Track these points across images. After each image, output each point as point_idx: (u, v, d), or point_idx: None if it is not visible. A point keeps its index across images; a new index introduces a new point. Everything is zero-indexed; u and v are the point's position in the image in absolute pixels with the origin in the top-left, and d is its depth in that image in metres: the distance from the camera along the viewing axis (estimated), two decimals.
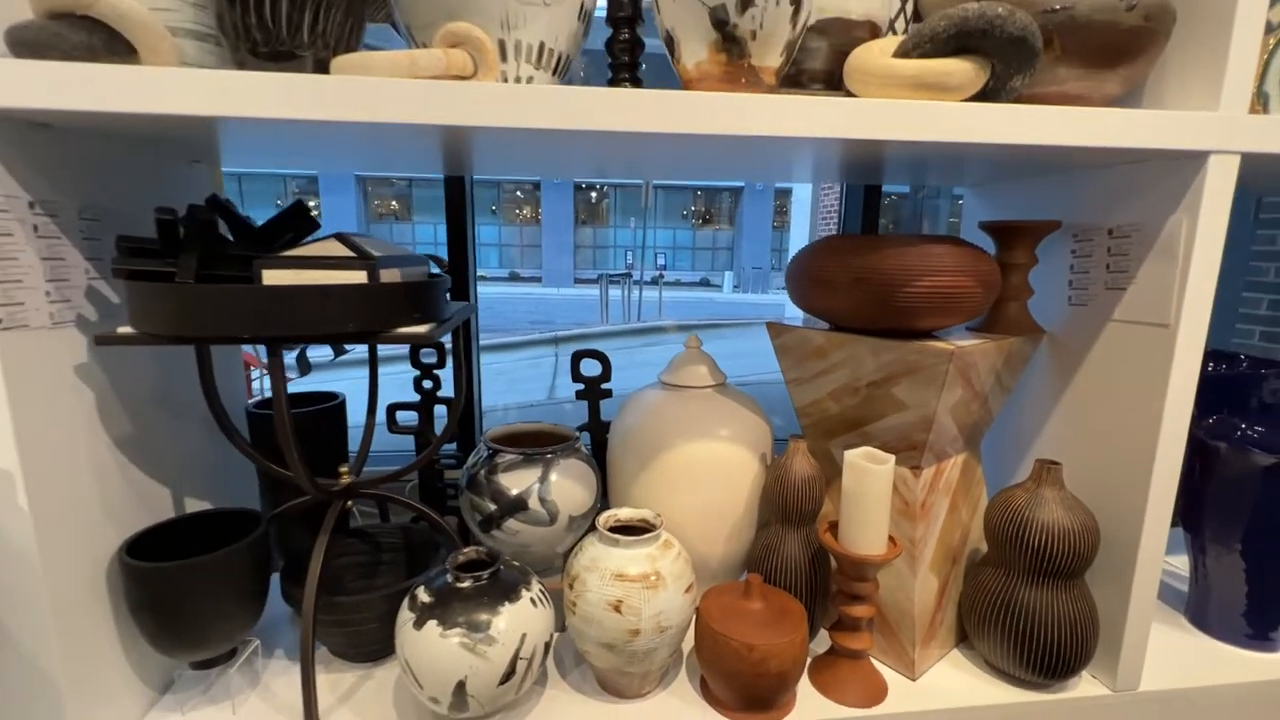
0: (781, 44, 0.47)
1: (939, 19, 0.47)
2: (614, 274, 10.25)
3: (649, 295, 10.97)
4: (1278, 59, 0.52)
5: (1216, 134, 0.51)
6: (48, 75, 0.39)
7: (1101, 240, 0.62)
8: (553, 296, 12.85)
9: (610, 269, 13.24)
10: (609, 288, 9.34)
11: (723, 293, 15.69)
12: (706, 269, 18.01)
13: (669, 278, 15.72)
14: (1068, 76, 0.51)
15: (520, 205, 13.53)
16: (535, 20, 0.48)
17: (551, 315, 9.04)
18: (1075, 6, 0.49)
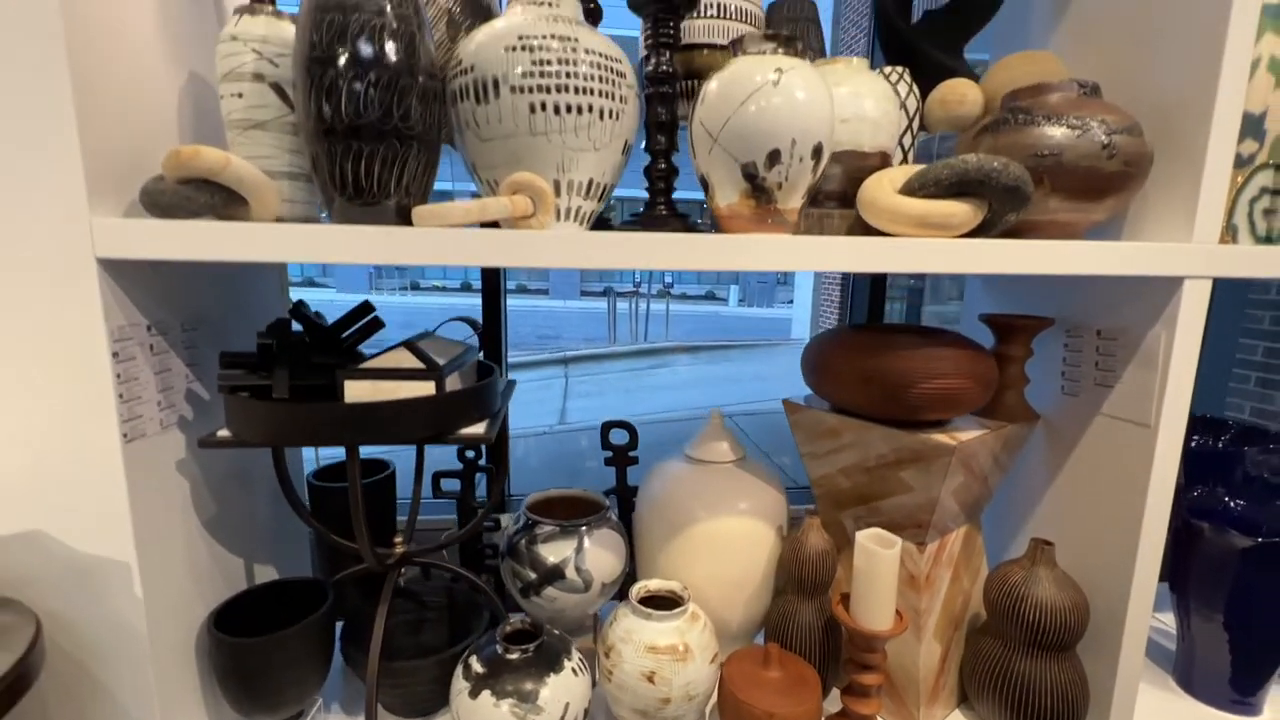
0: (804, 190, 0.53)
1: (942, 167, 0.54)
2: (621, 290, 10.30)
3: (656, 308, 11.05)
4: (1245, 194, 0.58)
5: (1189, 263, 0.57)
6: (184, 234, 0.46)
7: (1090, 339, 0.69)
8: (560, 309, 12.94)
9: (617, 283, 13.34)
10: (616, 302, 9.42)
11: (728, 306, 15.74)
12: (712, 282, 18.10)
13: (675, 291, 15.80)
14: (1058, 208, 0.58)
15: None
16: (585, 161, 0.55)
17: (559, 329, 9.12)
18: (1063, 153, 0.55)
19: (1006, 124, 0.59)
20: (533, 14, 0.53)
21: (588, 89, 0.52)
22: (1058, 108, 0.57)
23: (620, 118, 0.55)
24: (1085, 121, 0.55)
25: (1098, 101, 0.57)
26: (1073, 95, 0.58)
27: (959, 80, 0.69)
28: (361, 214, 0.50)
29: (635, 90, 0.57)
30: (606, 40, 0.55)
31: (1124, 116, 0.56)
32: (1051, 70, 0.67)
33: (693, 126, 0.54)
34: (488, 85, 0.52)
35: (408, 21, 0.48)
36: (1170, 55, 0.60)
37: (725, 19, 0.65)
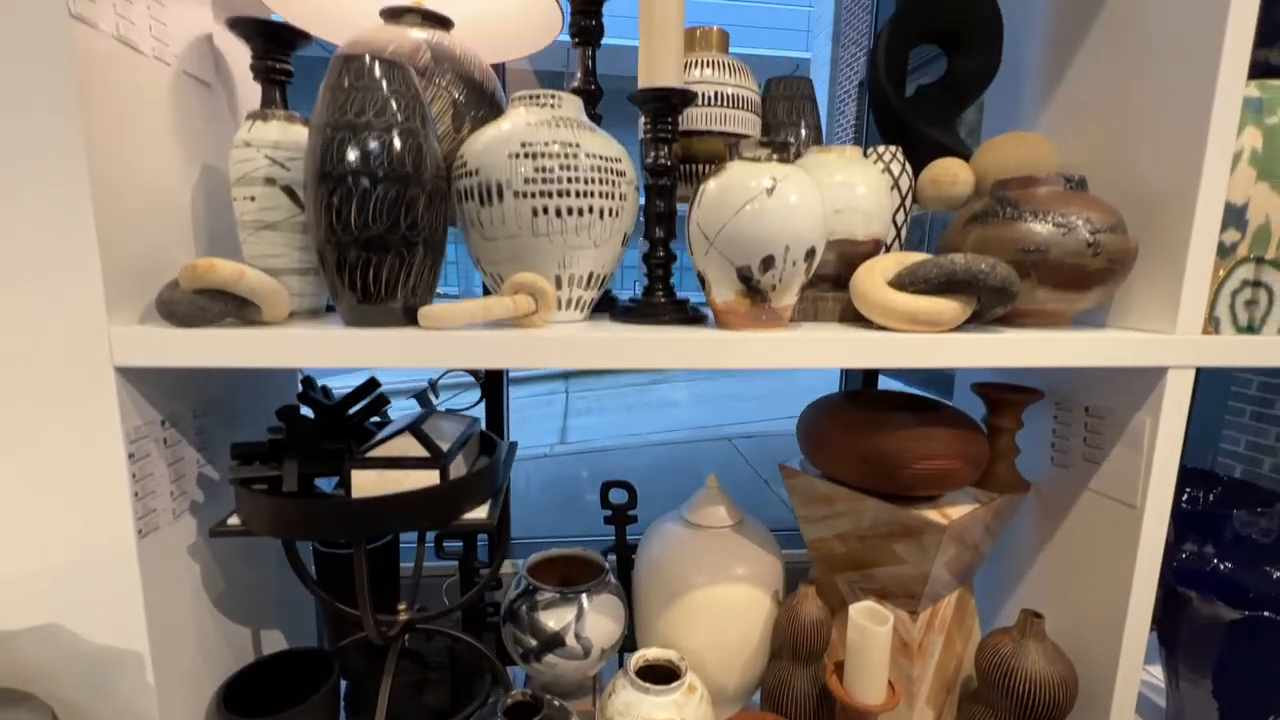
0: (797, 288, 0.55)
1: (932, 266, 0.55)
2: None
3: None
4: (1228, 286, 0.60)
5: (1173, 353, 0.59)
6: (201, 342, 0.47)
7: (1079, 415, 0.70)
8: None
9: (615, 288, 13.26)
10: None
11: None
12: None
13: None
14: (1045, 298, 0.59)
15: None
16: (585, 257, 0.57)
17: None
18: (1049, 250, 0.57)
19: (995, 216, 0.60)
20: (536, 116, 0.55)
21: (588, 191, 0.54)
22: (1045, 203, 0.58)
23: (619, 214, 0.57)
24: (1071, 219, 0.57)
25: (1084, 196, 0.59)
26: (1059, 190, 0.60)
27: (950, 160, 0.71)
28: (369, 313, 0.52)
29: (635, 185, 0.59)
30: (607, 140, 0.57)
31: (1109, 213, 0.57)
32: (1040, 153, 0.69)
33: (690, 226, 0.55)
34: (492, 189, 0.53)
35: (415, 134, 0.50)
36: (1155, 145, 0.61)
37: (723, 106, 0.67)
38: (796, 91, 0.75)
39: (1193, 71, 0.57)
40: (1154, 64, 0.61)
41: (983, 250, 0.60)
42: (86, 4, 0.45)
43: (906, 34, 0.77)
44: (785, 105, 0.75)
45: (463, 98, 0.62)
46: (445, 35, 0.63)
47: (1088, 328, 0.64)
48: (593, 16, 0.69)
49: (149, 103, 0.52)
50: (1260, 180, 0.61)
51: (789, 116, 0.74)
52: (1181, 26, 0.58)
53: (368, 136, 0.47)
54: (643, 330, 0.55)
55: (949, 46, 0.78)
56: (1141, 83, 0.63)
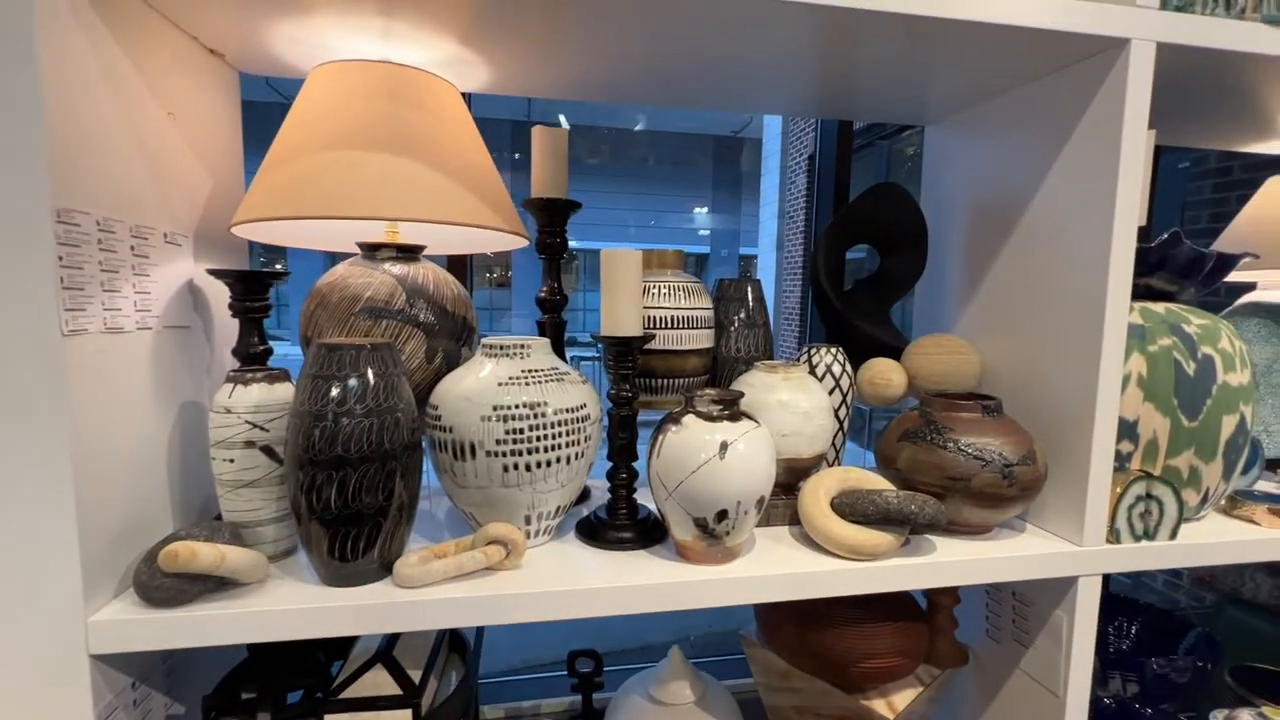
0: (749, 531, 0.60)
1: (869, 504, 0.61)
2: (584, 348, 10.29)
3: None
4: (1125, 501, 0.67)
5: (1081, 564, 0.66)
6: (181, 625, 0.49)
7: (1008, 598, 0.77)
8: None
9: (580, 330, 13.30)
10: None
11: None
12: None
13: None
14: (969, 514, 0.66)
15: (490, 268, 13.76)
16: (553, 497, 0.61)
17: None
18: (970, 479, 0.64)
19: (924, 438, 0.67)
20: (505, 370, 0.60)
21: (555, 445, 0.58)
22: (966, 430, 0.65)
23: (584, 454, 0.62)
24: (988, 452, 0.64)
25: (999, 424, 0.66)
26: (977, 416, 0.67)
27: (884, 364, 0.78)
28: (346, 572, 0.54)
29: (598, 419, 0.64)
30: (575, 390, 0.61)
31: (1021, 443, 0.65)
32: (960, 361, 0.77)
33: (650, 474, 0.60)
34: (465, 448, 0.57)
35: (393, 412, 0.53)
36: (1055, 363, 0.70)
37: (679, 328, 0.73)
38: (745, 294, 0.81)
39: (1087, 295, 0.65)
40: (1053, 286, 0.70)
41: (913, 470, 0.67)
42: (77, 317, 0.48)
43: (843, 238, 0.85)
44: (735, 307, 0.81)
45: (435, 328, 0.66)
46: (417, 268, 0.68)
47: (1008, 532, 0.71)
48: (556, 234, 0.75)
49: (132, 367, 0.55)
50: (1146, 400, 0.70)
51: (739, 316, 0.81)
52: (1074, 252, 0.67)
53: (348, 424, 0.51)
54: (607, 564, 0.59)
55: (881, 248, 0.87)
56: (1044, 302, 0.71)
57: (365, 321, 0.63)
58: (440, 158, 0.61)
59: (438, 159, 0.61)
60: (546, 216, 0.74)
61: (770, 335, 0.83)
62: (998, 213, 0.79)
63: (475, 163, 0.67)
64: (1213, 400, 0.70)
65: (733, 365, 0.80)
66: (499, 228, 0.65)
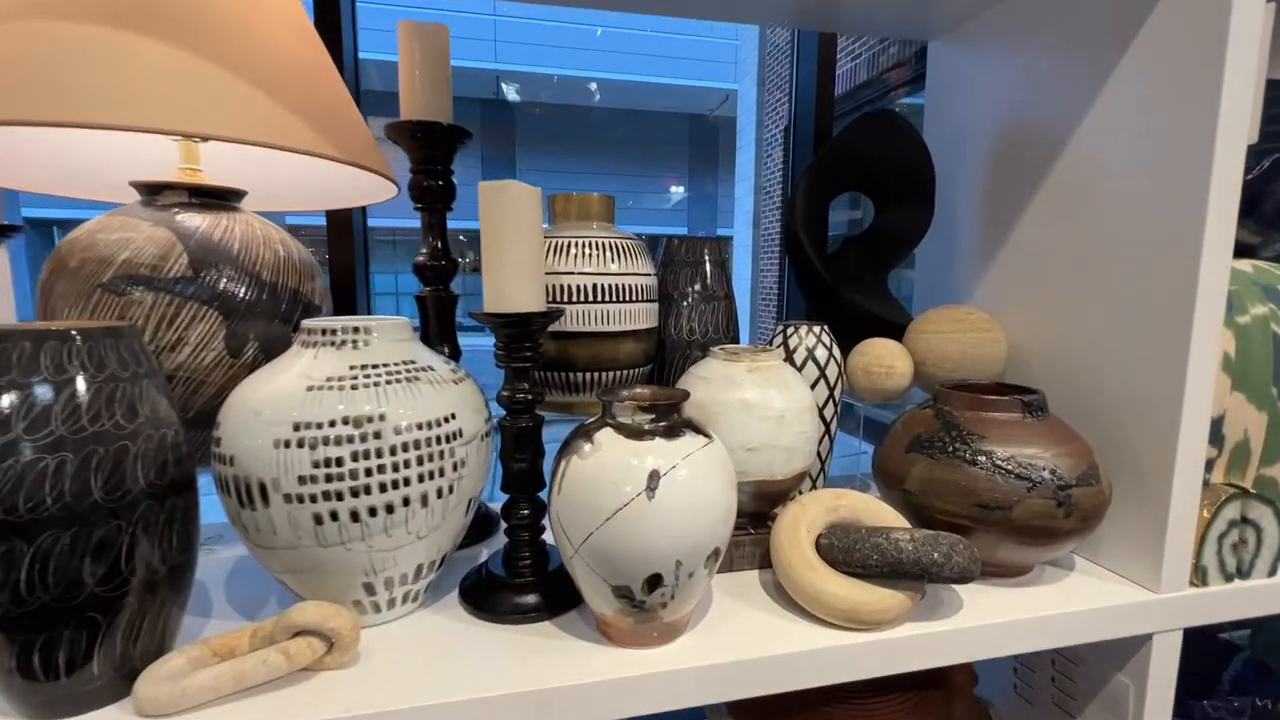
0: (699, 594, 0.41)
1: (872, 550, 0.42)
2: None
3: None
4: (1214, 529, 0.50)
5: (1159, 617, 0.48)
6: None
7: (1045, 655, 0.59)
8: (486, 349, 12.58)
9: None
10: None
11: None
12: None
13: None
14: (1008, 554, 0.47)
15: (462, 252, 13.43)
16: (408, 553, 0.41)
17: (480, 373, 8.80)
18: (1011, 509, 0.45)
19: (943, 448, 0.48)
20: (325, 365, 0.39)
21: (401, 480, 0.38)
22: (1001, 439, 0.47)
23: (456, 488, 0.42)
24: (1035, 470, 0.45)
25: (1047, 429, 0.48)
26: (1017, 418, 0.48)
27: (884, 347, 0.59)
28: (45, 694, 0.34)
29: (485, 438, 0.44)
30: (437, 394, 0.41)
31: (1080, 456, 0.46)
32: (985, 340, 0.58)
33: (550, 517, 0.40)
34: (253, 489, 0.37)
35: (110, 441, 0.33)
36: (1119, 344, 0.51)
37: (607, 302, 0.53)
38: (701, 256, 0.62)
39: (1168, 251, 0.47)
40: (1112, 240, 0.51)
41: (929, 493, 0.48)
42: None
43: (827, 181, 0.65)
44: (688, 274, 0.61)
45: (242, 305, 0.46)
46: (220, 220, 0.47)
47: (1052, 569, 0.53)
48: (437, 174, 0.54)
49: None
50: (1236, 390, 0.52)
51: (694, 287, 0.61)
52: (1144, 191, 0.49)
53: (13, 464, 0.30)
54: (496, 651, 0.39)
55: (876, 196, 0.68)
56: (1098, 260, 0.53)
57: (117, 295, 0.42)
58: (254, 52, 0.40)
59: (248, 53, 0.40)
60: (421, 148, 0.53)
61: (734, 311, 0.63)
62: (1028, 149, 0.60)
63: (309, 65, 0.46)
64: None
65: (685, 352, 0.61)
66: (349, 161, 0.45)
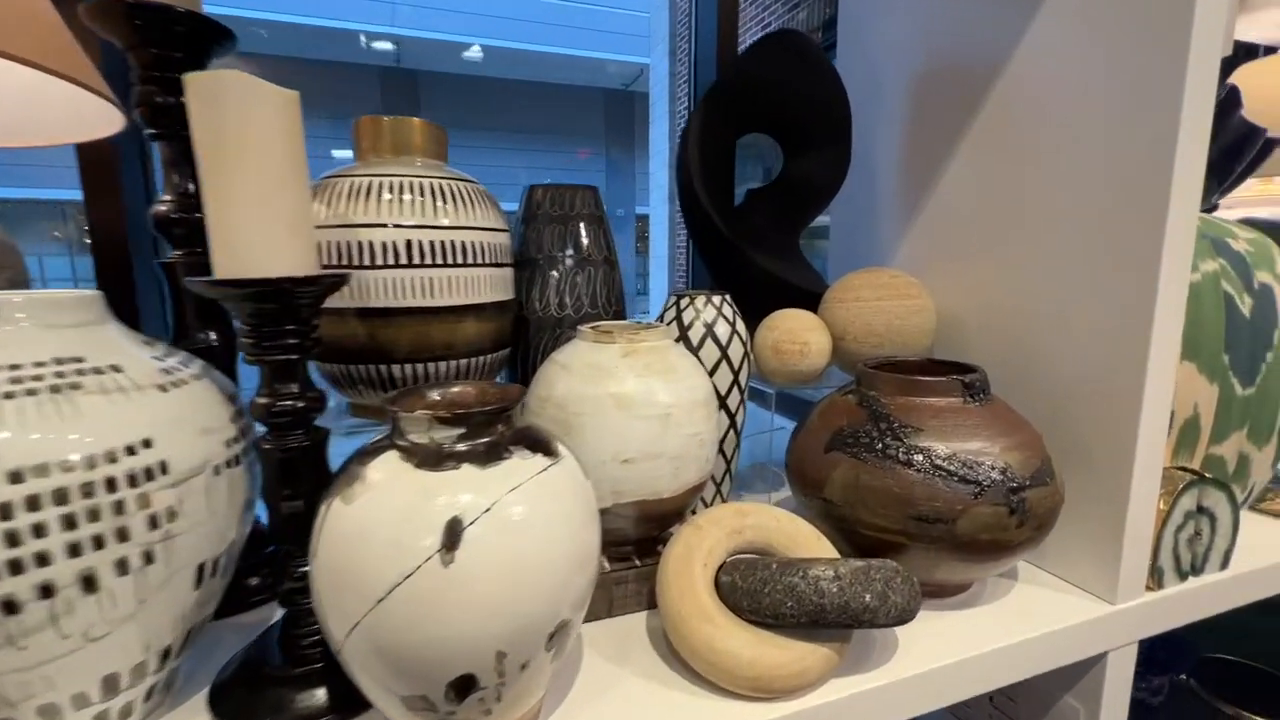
0: (540, 690, 0.28)
1: (787, 597, 0.31)
2: None
3: None
4: (1171, 524, 0.43)
5: (1116, 633, 0.41)
6: None
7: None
8: None
9: None
10: None
11: None
12: None
13: None
14: (949, 572, 0.38)
15: None
16: (84, 665, 0.26)
17: None
18: (955, 521, 0.35)
19: (870, 446, 0.38)
20: None
21: (31, 557, 0.23)
22: (941, 431, 0.37)
23: (162, 554, 0.27)
24: (983, 470, 0.36)
25: (990, 415, 0.38)
26: (956, 403, 0.39)
27: (797, 320, 0.49)
28: None
29: (225, 463, 0.29)
30: (118, 402, 0.26)
31: (1030, 450, 0.37)
32: (906, 303, 0.49)
33: (312, 589, 0.27)
34: None
35: None
36: (1063, 313, 0.43)
37: (436, 265, 0.39)
38: (573, 208, 0.48)
39: (1125, 197, 0.39)
40: (1058, 190, 0.43)
41: (854, 502, 0.38)
42: None
43: (727, 120, 0.54)
44: (556, 233, 0.48)
45: None
46: None
47: (999, 585, 0.44)
48: (174, 87, 0.38)
49: None
50: (1185, 359, 0.45)
51: (564, 250, 0.48)
52: (1098, 130, 0.40)
53: None
54: None
55: (784, 140, 0.57)
56: (1040, 218, 0.44)
57: None
58: None
59: None
60: (148, 44, 0.36)
61: (617, 281, 0.51)
62: (955, 85, 0.50)
63: None
64: (1274, 353, 0.46)
65: (554, 333, 0.48)
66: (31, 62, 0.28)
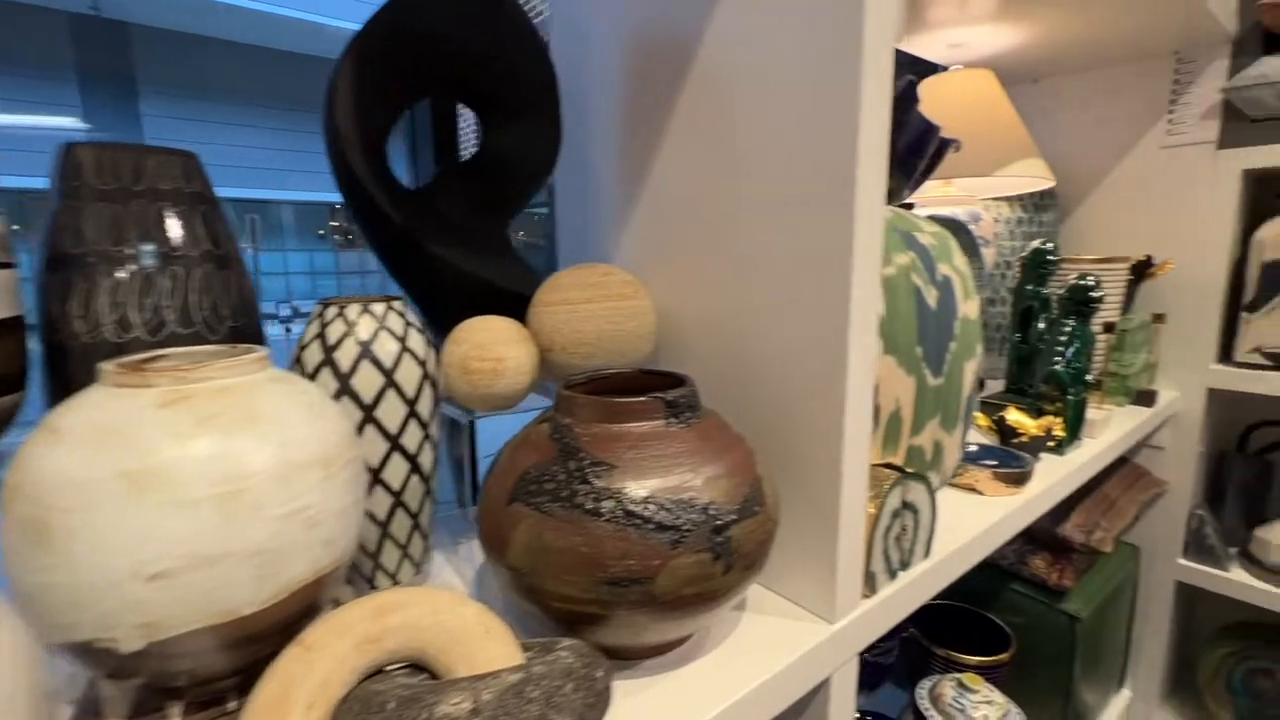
0: None
1: None
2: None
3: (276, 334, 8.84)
4: (880, 526, 0.42)
5: (836, 653, 0.38)
6: None
7: None
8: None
9: None
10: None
11: None
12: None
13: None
14: (651, 634, 0.31)
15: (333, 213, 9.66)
16: None
17: None
18: (655, 578, 0.29)
19: (555, 495, 0.30)
20: None
21: None
22: (637, 465, 0.30)
23: None
24: (683, 513, 0.29)
25: (697, 439, 0.32)
26: (659, 426, 0.32)
27: (489, 328, 0.39)
28: None
29: None
30: None
31: (739, 474, 0.32)
32: (620, 304, 0.42)
33: None
34: None
35: None
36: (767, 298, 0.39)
37: None
38: (145, 181, 0.33)
39: (816, 181, 0.35)
40: (757, 174, 0.39)
41: (543, 569, 0.29)
42: None
43: (386, 83, 0.42)
44: (113, 215, 0.32)
45: None
46: None
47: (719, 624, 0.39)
48: None
49: None
50: (886, 353, 0.44)
51: (124, 241, 0.32)
52: (786, 110, 0.36)
53: None
54: None
55: (479, 106, 0.46)
56: (746, 204, 0.40)
57: None
58: None
59: None
60: None
61: (243, 290, 0.36)
62: (664, 64, 0.45)
63: None
64: (956, 343, 0.48)
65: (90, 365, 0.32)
66: None
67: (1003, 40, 0.89)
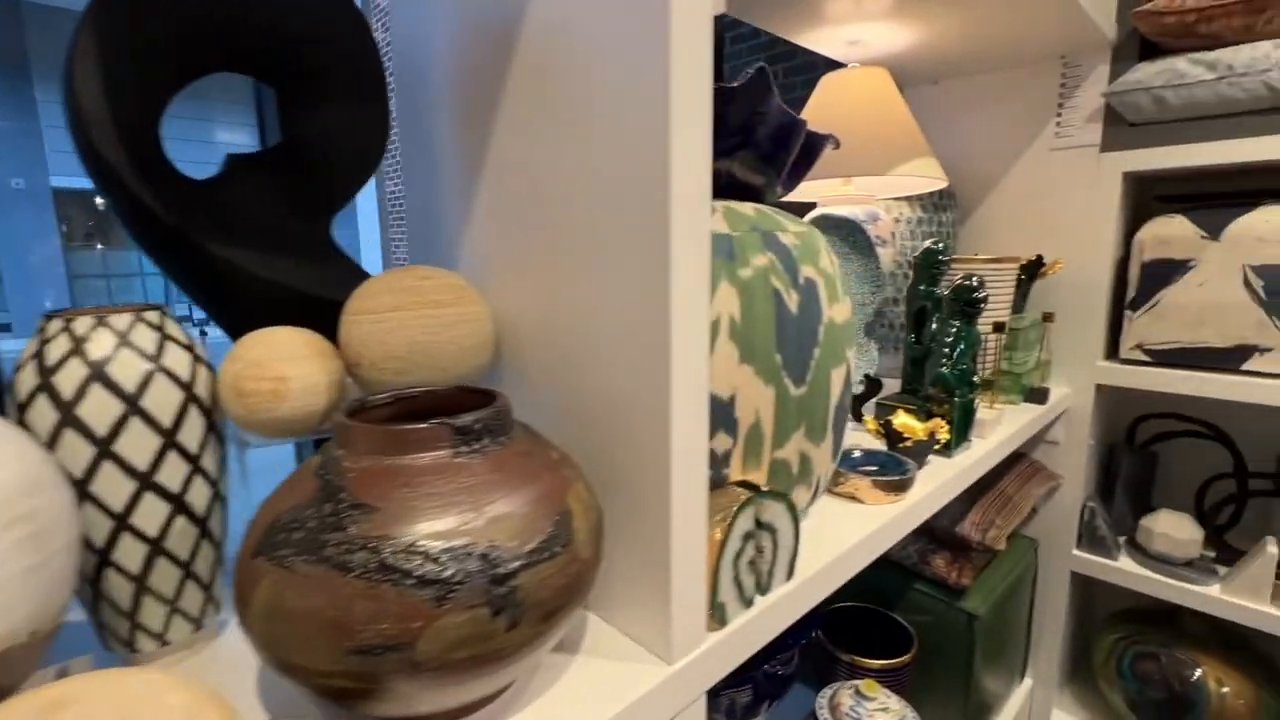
0: None
1: None
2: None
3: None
4: (729, 549, 0.39)
5: (679, 694, 0.34)
6: None
7: None
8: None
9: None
10: None
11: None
12: None
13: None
14: (436, 700, 0.27)
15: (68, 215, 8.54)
16: None
17: None
18: (416, 643, 0.24)
19: (302, 546, 0.25)
20: None
21: None
22: (404, 507, 0.25)
23: None
24: (453, 561, 0.25)
25: (492, 470, 0.28)
26: (443, 458, 0.28)
27: (271, 344, 0.33)
28: None
29: None
30: None
31: (539, 508, 0.28)
32: (437, 310, 0.37)
33: None
34: None
35: None
36: (603, 295, 0.35)
37: None
38: None
39: (636, 168, 0.31)
40: (585, 161, 0.35)
41: (283, 639, 0.24)
42: None
43: (147, 53, 0.35)
44: None
45: None
46: None
47: (546, 666, 0.35)
48: None
49: None
50: (744, 362, 0.41)
51: None
52: (608, 85, 0.32)
53: None
54: None
55: (281, 90, 0.41)
56: (577, 196, 0.36)
57: None
58: None
59: None
60: None
61: None
62: (497, 44, 0.40)
63: None
64: (820, 349, 0.45)
65: None
66: None
67: (899, 39, 0.89)
